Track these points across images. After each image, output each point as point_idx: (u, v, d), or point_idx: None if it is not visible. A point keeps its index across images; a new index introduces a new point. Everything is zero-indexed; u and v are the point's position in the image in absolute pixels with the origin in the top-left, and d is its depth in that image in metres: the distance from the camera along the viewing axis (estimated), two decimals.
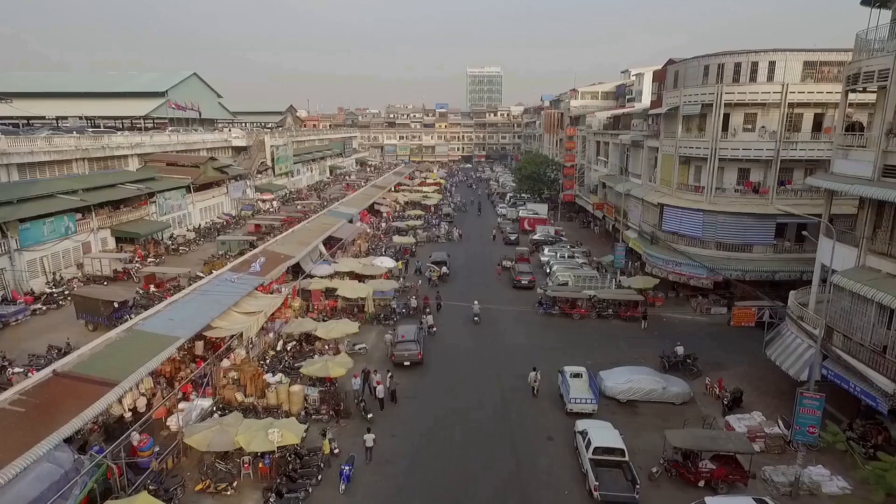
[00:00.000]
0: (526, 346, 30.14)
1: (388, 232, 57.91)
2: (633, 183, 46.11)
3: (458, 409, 23.55)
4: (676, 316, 34.83)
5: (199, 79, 76.28)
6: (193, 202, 46.36)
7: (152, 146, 47.94)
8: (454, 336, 31.53)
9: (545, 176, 75.95)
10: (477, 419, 22.74)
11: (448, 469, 19.46)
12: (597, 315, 34.48)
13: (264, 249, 37.60)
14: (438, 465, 19.70)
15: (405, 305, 34.97)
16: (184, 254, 39.14)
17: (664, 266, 36.46)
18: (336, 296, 34.08)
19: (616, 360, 28.31)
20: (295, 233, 43.64)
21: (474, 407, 23.69)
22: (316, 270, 38.53)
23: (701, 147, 35.31)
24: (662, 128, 40.19)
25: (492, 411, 23.31)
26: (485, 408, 23.60)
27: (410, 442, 21.13)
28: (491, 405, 23.84)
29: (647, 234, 40.72)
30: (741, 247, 34.21)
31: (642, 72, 66.59)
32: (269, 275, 33.10)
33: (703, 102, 34.57)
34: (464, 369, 27.36)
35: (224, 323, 26.62)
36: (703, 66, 34.74)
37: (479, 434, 21.63)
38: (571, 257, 46.07)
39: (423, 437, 21.49)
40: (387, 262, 40.48)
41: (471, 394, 24.89)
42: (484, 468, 19.49)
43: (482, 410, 23.40)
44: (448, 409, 23.54)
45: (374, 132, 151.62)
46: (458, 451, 20.54)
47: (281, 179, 67.80)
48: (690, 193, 36.57)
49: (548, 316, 34.70)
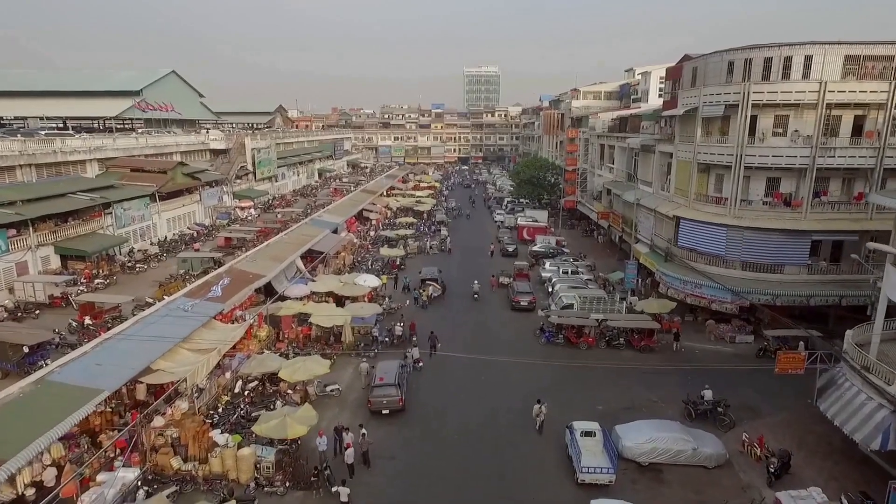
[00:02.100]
0: (526, 382, 25.95)
1: (376, 242, 53.75)
2: (643, 191, 41.99)
3: (444, 474, 19.37)
4: (696, 345, 30.69)
5: (179, 77, 71.98)
6: (159, 212, 42.00)
7: (115, 150, 43.58)
8: (444, 370, 27.32)
9: (545, 180, 71.83)
10: (466, 486, 18.57)
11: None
12: (606, 344, 30.34)
13: (231, 268, 33.34)
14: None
15: (389, 333, 30.76)
16: (141, 272, 34.79)
17: (681, 287, 32.35)
18: (310, 322, 29.93)
19: (631, 403, 24.25)
20: (270, 246, 39.38)
21: (464, 471, 19.51)
22: (290, 291, 34.29)
23: (724, 153, 31.20)
24: (678, 131, 36.07)
25: (485, 483, 19.06)
26: (477, 477, 19.38)
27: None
28: (485, 473, 19.61)
29: (660, 249, 36.59)
30: (770, 267, 30.11)
31: (648, 70, 62.51)
32: (231, 300, 28.86)
33: (727, 103, 30.45)
34: (454, 417, 23.15)
35: (168, 364, 22.40)
36: (728, 61, 30.61)
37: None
38: (575, 272, 41.93)
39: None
40: (371, 280, 36.26)
41: (461, 451, 20.70)
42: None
43: (474, 479, 19.19)
44: (433, 474, 19.36)
45: (369, 133, 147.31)
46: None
47: (263, 184, 63.51)
48: (711, 205, 32.45)
49: (551, 345, 30.54)
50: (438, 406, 24.04)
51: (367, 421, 22.26)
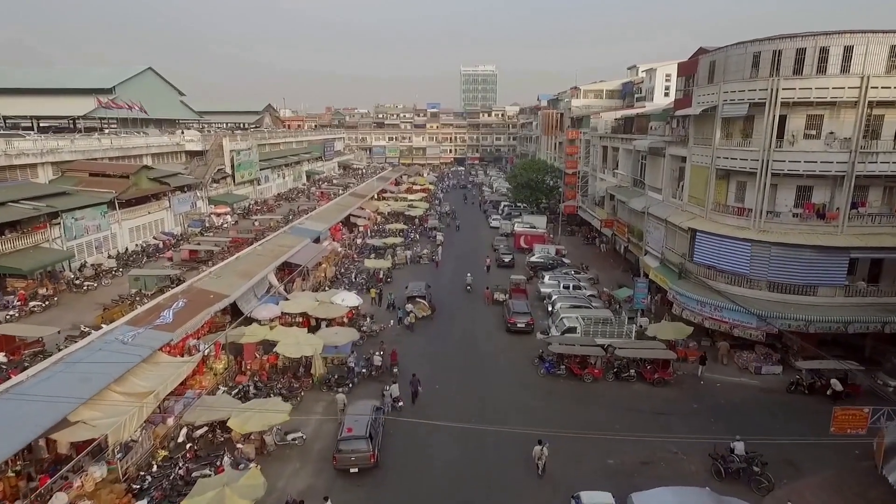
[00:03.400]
0: (524, 424, 22.17)
1: (363, 251, 49.92)
2: (651, 198, 38.28)
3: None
4: (717, 377, 26.96)
5: (156, 74, 68.00)
6: (119, 221, 38.04)
7: (72, 152, 39.65)
8: (429, 409, 23.48)
9: (543, 184, 68.05)
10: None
11: None
12: (614, 376, 26.59)
13: (190, 287, 29.49)
14: None
15: (367, 362, 26.96)
16: (90, 291, 30.86)
17: (698, 309, 28.64)
18: (275, 351, 26.14)
19: (648, 455, 20.48)
20: (240, 260, 35.52)
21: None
22: (258, 311, 30.48)
23: (747, 158, 27.50)
24: (692, 132, 32.37)
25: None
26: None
27: None
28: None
29: (672, 264, 32.88)
30: (802, 288, 26.43)
31: (653, 67, 58.87)
32: (183, 327, 25.02)
33: (752, 101, 26.76)
34: (438, 473, 19.38)
35: (92, 414, 18.58)
36: (753, 54, 26.89)
37: None
38: (577, 287, 38.20)
39: None
40: (350, 299, 32.45)
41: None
42: None
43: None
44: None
45: (362, 133, 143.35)
46: None
47: (243, 188, 59.54)
48: (731, 217, 28.75)
49: (552, 377, 26.78)
50: (420, 459, 20.26)
51: (333, 483, 18.52)
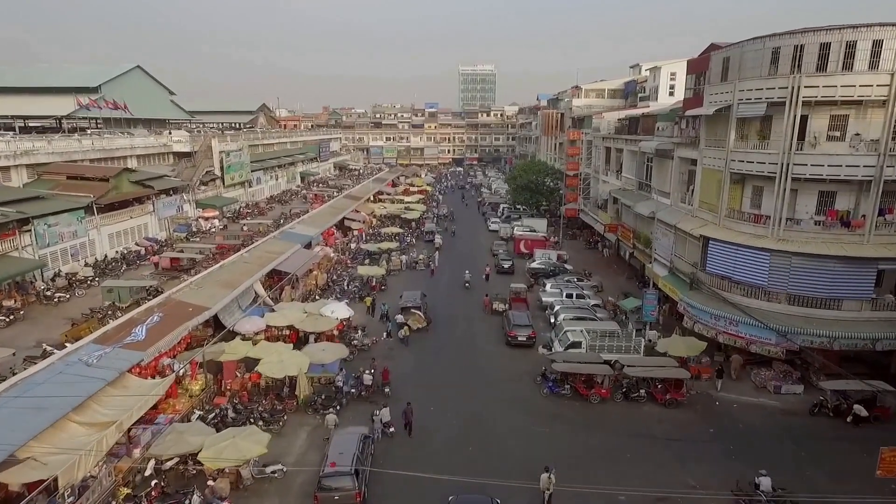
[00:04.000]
0: (527, 453, 20.31)
1: (357, 256, 47.97)
2: (658, 203, 36.41)
3: None
4: (733, 397, 25.07)
5: (145, 72, 65.91)
6: (98, 227, 36.06)
7: (49, 154, 37.67)
8: (423, 436, 21.59)
9: (543, 186, 66.13)
10: None
11: None
12: (623, 396, 24.69)
13: (168, 299, 27.53)
14: None
15: (357, 382, 25.02)
16: (62, 303, 28.91)
17: (712, 322, 26.77)
18: (257, 370, 24.21)
19: (664, 489, 18.56)
20: (224, 268, 33.56)
21: None
22: (242, 325, 28.56)
23: (765, 161, 25.63)
24: (703, 133, 30.50)
25: None
26: None
27: None
28: None
29: (683, 273, 31.00)
30: (825, 302, 24.55)
31: (658, 65, 57.02)
32: (157, 345, 23.05)
33: (771, 100, 24.88)
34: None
35: (45, 449, 16.64)
36: (772, 49, 25.00)
37: None
38: (581, 296, 36.30)
39: None
40: (340, 310, 30.52)
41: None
42: None
43: None
44: None
45: (360, 133, 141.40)
46: None
47: (234, 191, 57.56)
48: (747, 224, 26.87)
49: (556, 397, 24.87)
50: (414, 495, 18.33)
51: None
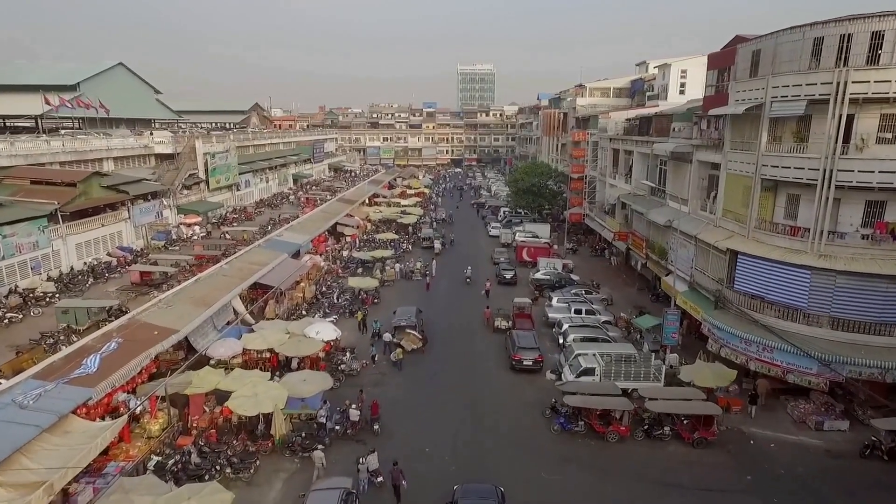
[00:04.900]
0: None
1: (348, 265, 44.89)
2: (674, 210, 33.50)
3: None
4: (768, 433, 22.12)
5: (128, 70, 62.91)
6: (64, 236, 32.99)
7: (11, 157, 34.60)
8: (416, 486, 18.60)
9: (546, 189, 63.17)
10: None
11: None
12: (645, 434, 21.74)
13: (131, 320, 24.50)
14: None
15: (342, 417, 22.01)
16: (13, 324, 25.82)
17: (742, 347, 23.86)
18: (227, 405, 21.21)
19: None
20: (201, 282, 30.58)
21: None
22: (215, 348, 25.57)
23: (803, 167, 22.69)
24: (728, 135, 27.58)
25: None
26: None
27: None
28: None
29: (705, 289, 28.07)
30: (873, 327, 21.63)
31: (667, 62, 54.25)
32: (109, 378, 19.98)
33: (811, 97, 21.96)
34: None
35: None
36: (813, 39, 22.06)
37: None
38: (590, 312, 33.35)
39: None
40: (326, 331, 27.55)
41: None
42: None
43: None
44: None
45: (356, 133, 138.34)
46: None
47: (219, 195, 54.44)
48: (782, 237, 23.93)
49: (568, 435, 21.91)
50: None
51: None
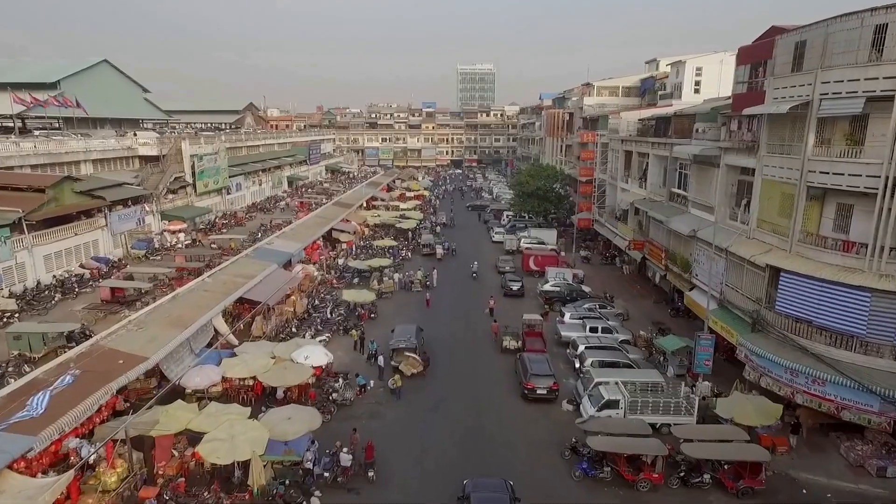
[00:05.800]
0: None
1: (343, 275, 41.98)
2: (698, 218, 30.67)
3: None
4: (822, 480, 19.28)
5: (113, 67, 60.03)
6: (30, 247, 30.11)
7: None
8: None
9: (552, 192, 60.30)
10: None
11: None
12: (680, 481, 18.88)
13: (94, 346, 21.60)
14: None
15: (331, 461, 19.11)
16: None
17: (786, 379, 21.01)
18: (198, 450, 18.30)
19: None
20: (178, 299, 27.69)
21: None
22: (190, 378, 22.67)
23: (860, 173, 19.85)
24: (765, 137, 24.73)
25: None
26: None
27: None
28: None
29: (740, 309, 25.21)
30: None
31: (682, 60, 51.38)
32: (58, 422, 17.05)
33: (871, 93, 19.13)
34: None
35: None
36: (874, 26, 19.21)
37: None
38: (607, 330, 30.51)
39: None
40: (316, 355, 24.67)
41: None
42: None
43: None
44: None
45: (354, 133, 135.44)
46: None
47: (208, 199, 51.51)
48: (832, 253, 21.08)
49: (592, 482, 19.04)
50: None
51: None
